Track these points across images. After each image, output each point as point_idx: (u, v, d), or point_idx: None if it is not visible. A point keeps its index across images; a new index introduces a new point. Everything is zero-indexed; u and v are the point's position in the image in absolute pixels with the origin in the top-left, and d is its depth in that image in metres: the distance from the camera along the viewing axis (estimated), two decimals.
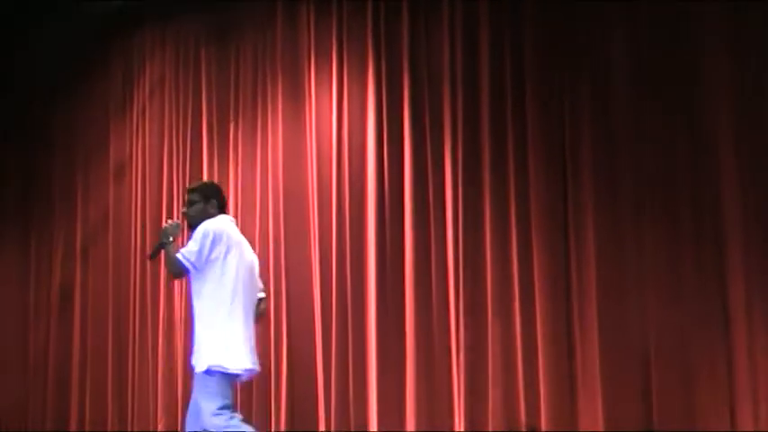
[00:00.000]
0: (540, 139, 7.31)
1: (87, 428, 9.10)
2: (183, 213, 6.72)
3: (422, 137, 7.82)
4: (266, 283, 8.28)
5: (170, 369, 8.68)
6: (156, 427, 8.59)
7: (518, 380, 7.17)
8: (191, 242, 6.45)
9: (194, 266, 6.38)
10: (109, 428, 8.95)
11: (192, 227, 6.58)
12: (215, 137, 8.88)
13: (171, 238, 6.53)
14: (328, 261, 8.06)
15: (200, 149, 8.92)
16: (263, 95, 8.68)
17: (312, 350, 8.06)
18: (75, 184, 9.51)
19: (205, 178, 8.76)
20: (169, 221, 6.69)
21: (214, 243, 6.40)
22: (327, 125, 8.23)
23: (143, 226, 9.06)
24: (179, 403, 8.53)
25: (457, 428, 7.29)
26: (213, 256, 6.39)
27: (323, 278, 8.07)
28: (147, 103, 9.27)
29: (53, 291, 9.52)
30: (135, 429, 8.79)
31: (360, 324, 7.86)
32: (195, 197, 6.69)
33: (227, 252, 6.42)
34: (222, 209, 6.70)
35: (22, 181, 9.75)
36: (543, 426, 7.00)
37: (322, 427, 7.88)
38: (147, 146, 9.20)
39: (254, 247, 8.38)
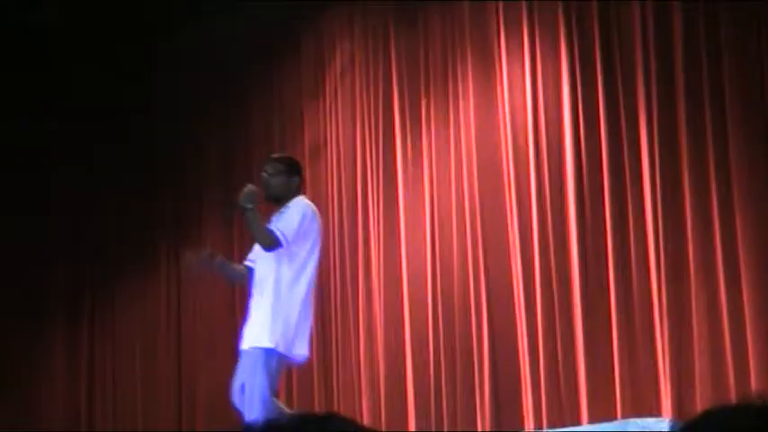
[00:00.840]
0: (739, 98, 7.15)
1: (294, 406, 9.21)
2: (265, 180, 6.50)
3: (616, 104, 7.71)
4: (464, 264, 8.38)
5: (371, 345, 8.76)
6: (361, 404, 8.70)
7: (726, 362, 7.01)
8: (289, 216, 6.32)
9: (288, 243, 6.26)
10: (315, 407, 9.05)
11: (269, 198, 6.46)
12: (407, 115, 8.85)
13: (250, 205, 6.31)
14: (528, 234, 7.99)
15: (392, 128, 8.90)
16: (454, 71, 8.61)
17: (514, 334, 7.99)
18: None
19: (399, 157, 8.87)
20: (248, 186, 6.44)
21: (311, 226, 6.36)
22: (521, 97, 8.16)
23: (340, 206, 9.13)
24: (381, 379, 8.68)
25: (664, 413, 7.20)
26: (305, 238, 6.33)
27: (523, 253, 7.99)
28: (339, 85, 9.30)
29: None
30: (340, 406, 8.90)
31: (565, 301, 7.77)
32: (281, 167, 6.52)
33: (315, 241, 6.39)
34: (299, 190, 6.60)
35: (223, 167, 9.90)
36: None
37: (530, 426, 7.80)
38: (340, 127, 9.23)
39: (450, 226, 8.53)
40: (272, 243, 6.30)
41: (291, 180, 6.51)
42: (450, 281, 8.43)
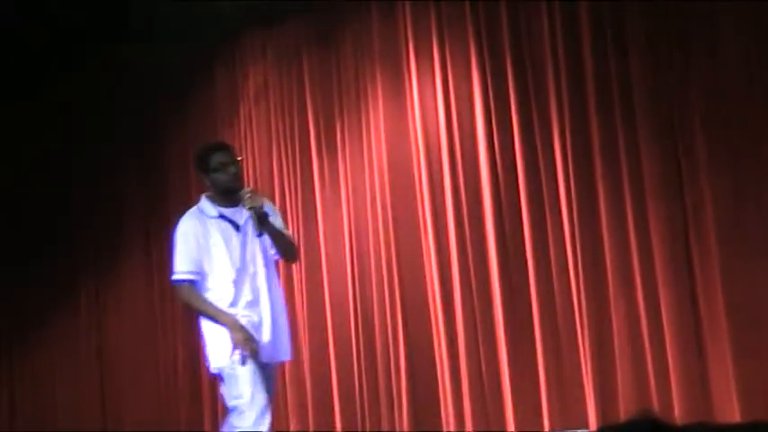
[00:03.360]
0: (649, 106, 7.04)
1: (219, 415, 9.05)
2: (238, 168, 5.89)
3: (528, 112, 7.62)
4: (381, 279, 8.25)
5: (297, 369, 8.65)
6: (289, 428, 8.62)
7: (647, 369, 6.90)
8: (280, 219, 6.01)
9: None
10: None
11: (237, 190, 5.81)
12: (322, 138, 8.69)
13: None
14: (445, 245, 7.88)
15: (308, 152, 8.75)
16: (365, 93, 8.50)
17: (431, 346, 7.91)
18: (191, 197, 9.50)
19: (316, 179, 8.73)
20: (250, 190, 5.79)
21: None
22: (433, 112, 8.05)
23: None
24: (309, 403, 8.55)
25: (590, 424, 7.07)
26: None
27: (440, 264, 7.88)
28: (253, 110, 9.12)
29: (177, 303, 9.53)
30: None
31: (486, 312, 7.68)
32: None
33: None
34: None
35: (143, 195, 9.73)
36: (676, 410, 6.77)
37: (448, 427, 7.73)
38: (256, 151, 9.06)
39: (368, 244, 8.36)
40: (297, 255, 6.17)
41: None
42: (370, 296, 8.31)
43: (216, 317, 5.67)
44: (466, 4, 7.98)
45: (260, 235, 5.75)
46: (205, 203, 5.87)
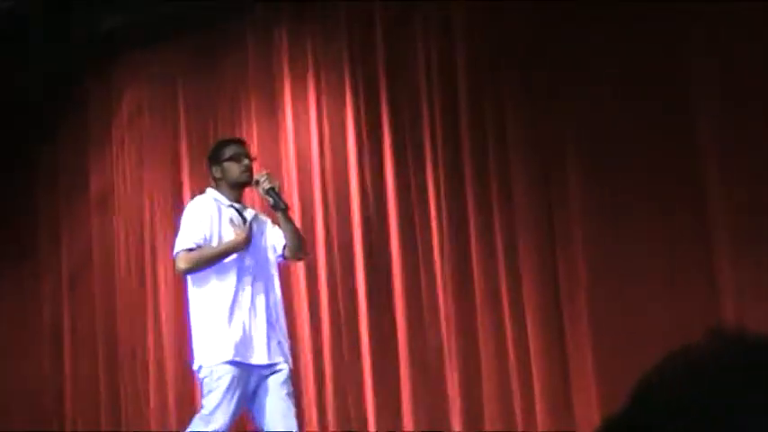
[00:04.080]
0: (522, 141, 7.16)
1: None
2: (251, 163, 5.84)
3: (402, 145, 7.70)
4: None
5: (162, 391, 8.56)
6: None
7: (512, 383, 7.00)
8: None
9: None
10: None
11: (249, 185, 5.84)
12: (195, 164, 8.55)
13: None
14: (315, 269, 7.90)
15: (179, 177, 8.68)
16: (239, 120, 8.47)
17: (296, 357, 7.95)
18: (59, 219, 9.30)
19: (186, 204, 8.66)
20: (266, 174, 5.81)
21: None
22: (307, 142, 8.10)
23: (128, 256, 8.82)
24: (171, 403, 8.49)
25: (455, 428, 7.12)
26: None
27: (310, 286, 7.91)
28: (126, 134, 9.01)
29: (43, 327, 9.36)
30: None
31: (353, 324, 7.73)
32: None
33: None
34: None
35: (8, 218, 9.58)
36: (539, 425, 6.85)
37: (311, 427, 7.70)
38: (127, 176, 8.96)
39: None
40: (307, 248, 6.05)
41: None
42: None
43: (223, 250, 5.55)
44: (342, 32, 8.07)
45: (284, 209, 5.68)
46: (215, 193, 5.78)
